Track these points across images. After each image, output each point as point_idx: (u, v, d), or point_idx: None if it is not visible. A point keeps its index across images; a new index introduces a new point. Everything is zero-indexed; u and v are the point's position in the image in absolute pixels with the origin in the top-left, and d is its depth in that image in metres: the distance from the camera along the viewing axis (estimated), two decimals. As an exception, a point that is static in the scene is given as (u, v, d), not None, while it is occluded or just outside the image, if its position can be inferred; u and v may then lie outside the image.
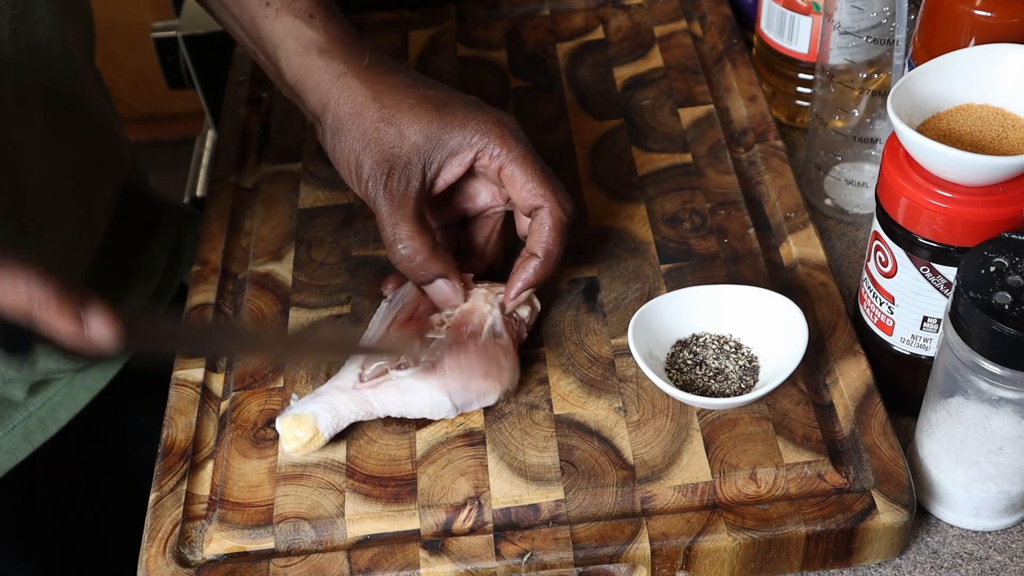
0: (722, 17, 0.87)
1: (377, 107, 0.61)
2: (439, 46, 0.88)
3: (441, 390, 0.60)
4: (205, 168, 1.05)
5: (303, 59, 0.62)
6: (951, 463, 0.58)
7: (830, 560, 0.57)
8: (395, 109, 0.61)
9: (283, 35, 0.63)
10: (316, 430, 0.60)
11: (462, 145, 0.62)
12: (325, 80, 0.62)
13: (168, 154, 2.02)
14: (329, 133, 0.62)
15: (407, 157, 0.61)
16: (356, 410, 0.60)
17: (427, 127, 0.61)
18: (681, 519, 0.56)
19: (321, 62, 0.62)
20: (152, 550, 0.58)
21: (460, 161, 0.62)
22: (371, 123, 0.61)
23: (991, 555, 0.58)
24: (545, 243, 0.62)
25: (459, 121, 0.62)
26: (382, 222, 0.61)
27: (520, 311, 0.64)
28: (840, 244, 0.75)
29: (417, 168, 0.61)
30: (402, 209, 0.61)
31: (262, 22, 0.63)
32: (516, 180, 0.62)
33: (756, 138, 0.77)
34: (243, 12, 0.64)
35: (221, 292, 0.71)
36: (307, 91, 0.63)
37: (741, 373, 0.61)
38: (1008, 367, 0.50)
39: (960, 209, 0.53)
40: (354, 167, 0.62)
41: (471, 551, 0.56)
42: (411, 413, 0.61)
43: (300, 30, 0.62)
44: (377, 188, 0.61)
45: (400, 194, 0.61)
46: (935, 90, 0.56)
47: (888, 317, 0.61)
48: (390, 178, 0.61)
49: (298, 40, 0.62)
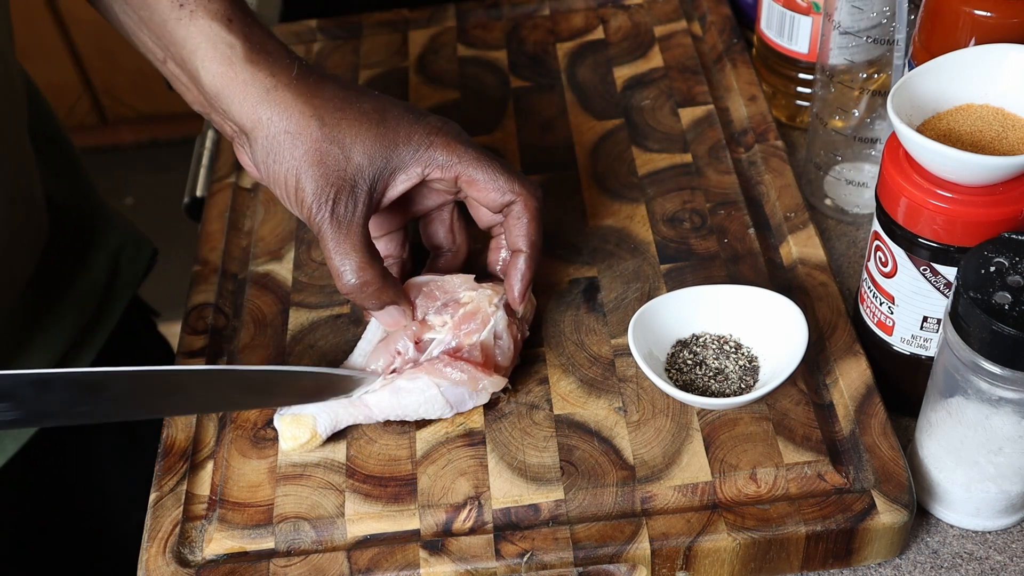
0: (722, 17, 0.87)
1: (317, 125, 0.57)
2: (439, 46, 0.88)
3: (432, 387, 0.60)
4: (205, 168, 1.04)
5: (224, 69, 0.57)
6: (951, 463, 0.58)
7: (830, 560, 0.57)
8: (336, 127, 0.58)
9: (199, 40, 0.57)
10: (314, 431, 0.60)
11: (409, 161, 0.59)
12: (252, 94, 0.57)
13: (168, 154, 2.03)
14: (261, 151, 0.58)
15: (352, 179, 0.58)
16: (355, 413, 0.60)
17: (372, 145, 0.58)
18: (681, 519, 0.56)
19: (246, 73, 0.57)
20: (152, 550, 0.58)
21: (407, 177, 0.60)
22: (312, 143, 0.57)
23: (991, 555, 0.58)
24: (527, 235, 0.62)
25: (403, 136, 0.59)
26: (328, 252, 0.58)
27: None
28: (840, 244, 0.75)
29: (363, 190, 0.58)
30: (350, 237, 0.58)
31: (175, 25, 0.57)
32: (479, 183, 0.60)
33: (756, 138, 0.77)
34: (153, 15, 0.58)
35: (221, 292, 0.71)
36: (231, 105, 0.58)
37: (741, 373, 0.61)
38: (1008, 367, 0.50)
39: (960, 209, 0.53)
40: (294, 189, 0.58)
41: (471, 551, 0.56)
42: (407, 415, 0.61)
43: (218, 35, 0.57)
44: (322, 213, 0.58)
45: (347, 220, 0.58)
46: (935, 90, 0.56)
47: (888, 317, 0.61)
48: (336, 203, 0.58)
49: (216, 47, 0.57)
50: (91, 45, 2.17)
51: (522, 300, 0.63)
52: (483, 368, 0.60)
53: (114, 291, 0.83)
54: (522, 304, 0.63)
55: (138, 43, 0.61)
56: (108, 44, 2.16)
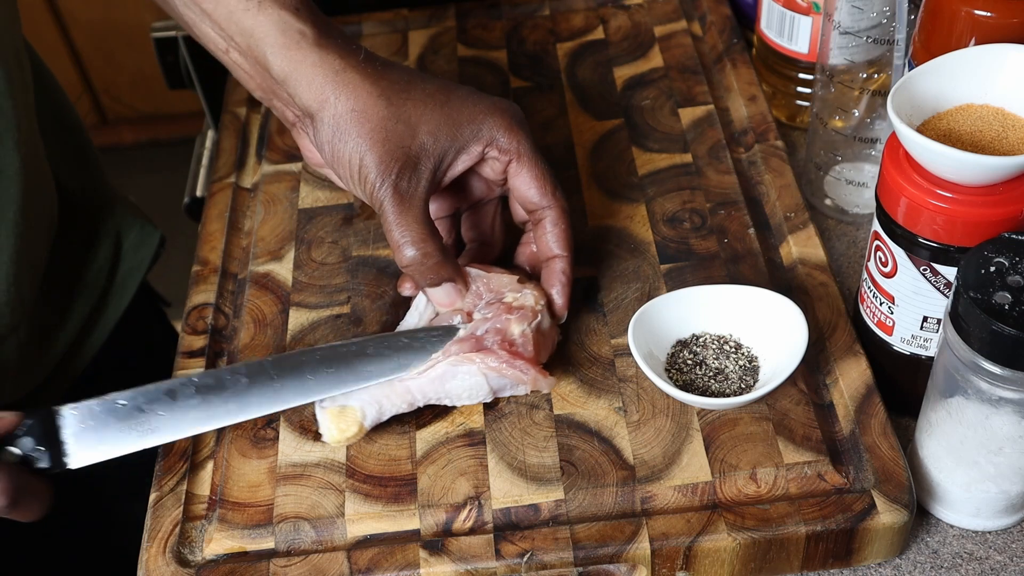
0: (722, 17, 0.87)
1: (384, 104, 0.59)
2: (439, 46, 0.88)
3: (478, 374, 0.60)
4: (205, 168, 1.05)
5: (293, 53, 0.59)
6: (951, 463, 0.58)
7: (830, 560, 0.57)
8: (402, 106, 0.59)
9: (268, 28, 0.59)
10: (361, 425, 0.60)
11: (471, 139, 0.61)
12: (321, 75, 0.59)
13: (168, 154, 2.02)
14: (327, 131, 0.60)
15: (416, 156, 0.59)
16: (398, 402, 0.60)
17: (438, 123, 0.60)
18: (681, 519, 0.56)
19: (315, 56, 0.59)
20: (152, 550, 0.58)
21: (468, 155, 0.61)
22: (378, 120, 0.59)
23: (991, 555, 0.58)
24: (564, 240, 0.63)
25: (466, 116, 0.61)
26: (389, 224, 0.59)
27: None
28: (840, 244, 0.75)
29: (427, 167, 0.60)
30: (412, 210, 0.59)
31: (243, 15, 0.59)
32: (524, 177, 0.62)
33: (756, 138, 0.77)
34: (218, 6, 0.60)
35: (221, 292, 0.71)
36: (299, 86, 0.59)
37: (741, 373, 0.61)
38: (1008, 367, 0.50)
39: (960, 209, 0.53)
40: (357, 166, 0.59)
41: (471, 551, 0.56)
42: (450, 399, 0.61)
43: (288, 22, 0.59)
44: (385, 188, 0.59)
45: (409, 195, 0.59)
46: (935, 90, 0.56)
47: (888, 317, 0.61)
48: (400, 177, 0.59)
49: (286, 33, 0.59)
50: (91, 45, 2.17)
51: (567, 305, 0.63)
52: (537, 367, 0.61)
53: (122, 276, 0.83)
54: (566, 307, 0.64)
55: (199, 34, 0.63)
56: (108, 44, 2.16)
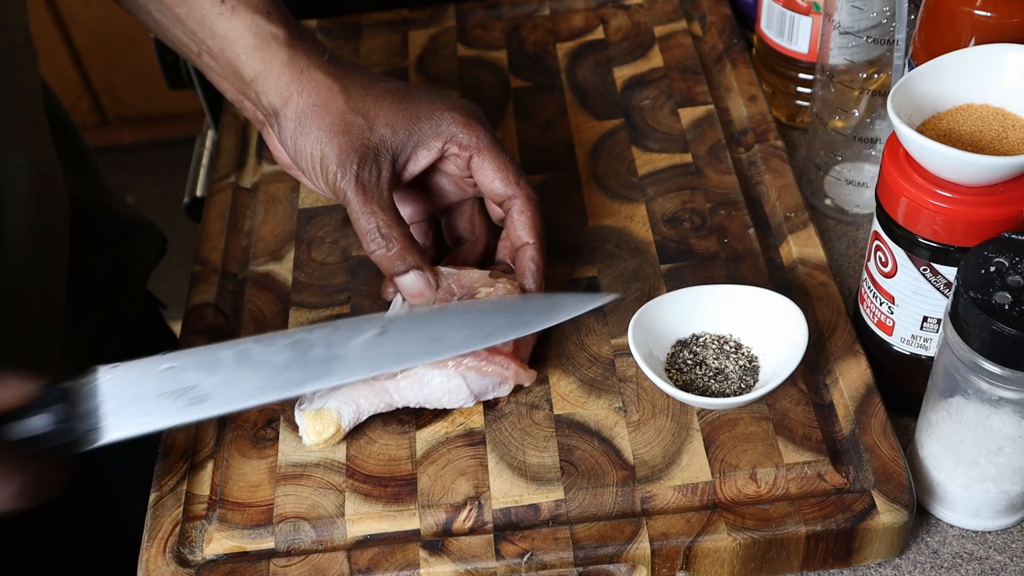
0: (722, 17, 0.87)
1: (344, 98, 0.61)
2: (439, 46, 0.88)
3: (457, 376, 0.60)
4: (205, 168, 1.04)
5: (263, 53, 0.62)
6: (951, 463, 0.58)
7: (830, 560, 0.57)
8: (361, 101, 0.62)
9: (240, 31, 0.62)
10: (338, 426, 0.60)
11: (430, 135, 0.62)
12: (287, 73, 0.62)
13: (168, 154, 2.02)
14: (291, 126, 0.62)
15: (376, 148, 0.61)
16: (376, 403, 0.60)
17: (395, 117, 0.62)
18: (681, 519, 0.56)
19: (284, 55, 0.62)
20: (152, 550, 0.58)
21: (428, 151, 0.63)
22: (338, 114, 0.61)
23: (991, 555, 0.58)
24: (531, 227, 0.64)
25: (425, 111, 0.62)
26: (355, 214, 0.61)
27: None
28: (840, 244, 0.75)
29: (387, 158, 0.61)
30: (375, 199, 0.61)
31: (216, 20, 0.62)
32: (486, 170, 0.63)
33: (756, 138, 0.77)
34: (191, 11, 0.62)
35: (221, 292, 0.71)
36: (266, 85, 0.62)
37: (741, 373, 0.61)
38: (1008, 367, 0.50)
39: (960, 209, 0.53)
40: (319, 159, 0.61)
41: (471, 551, 0.56)
42: (429, 402, 0.60)
43: (259, 25, 0.62)
44: (347, 179, 0.60)
45: (371, 185, 0.61)
46: (935, 90, 0.56)
47: (888, 317, 0.61)
48: (361, 168, 0.60)
49: (257, 35, 0.62)
50: (91, 45, 2.17)
51: (539, 290, 0.64)
52: (514, 360, 0.60)
53: (127, 280, 0.83)
54: (539, 291, 0.64)
55: (171, 39, 0.65)
56: (108, 44, 2.16)
